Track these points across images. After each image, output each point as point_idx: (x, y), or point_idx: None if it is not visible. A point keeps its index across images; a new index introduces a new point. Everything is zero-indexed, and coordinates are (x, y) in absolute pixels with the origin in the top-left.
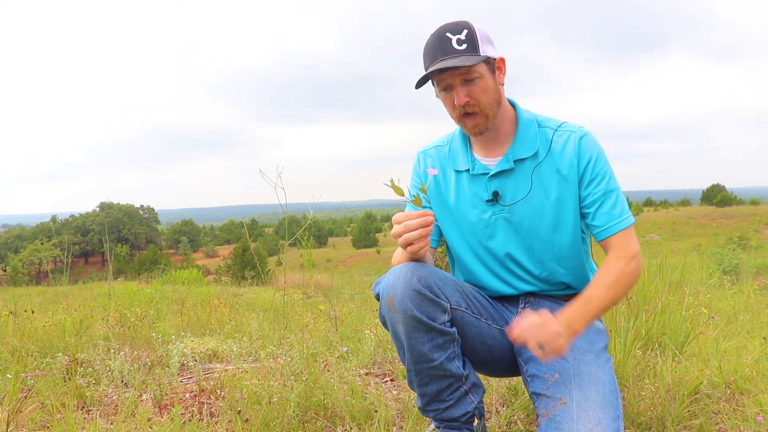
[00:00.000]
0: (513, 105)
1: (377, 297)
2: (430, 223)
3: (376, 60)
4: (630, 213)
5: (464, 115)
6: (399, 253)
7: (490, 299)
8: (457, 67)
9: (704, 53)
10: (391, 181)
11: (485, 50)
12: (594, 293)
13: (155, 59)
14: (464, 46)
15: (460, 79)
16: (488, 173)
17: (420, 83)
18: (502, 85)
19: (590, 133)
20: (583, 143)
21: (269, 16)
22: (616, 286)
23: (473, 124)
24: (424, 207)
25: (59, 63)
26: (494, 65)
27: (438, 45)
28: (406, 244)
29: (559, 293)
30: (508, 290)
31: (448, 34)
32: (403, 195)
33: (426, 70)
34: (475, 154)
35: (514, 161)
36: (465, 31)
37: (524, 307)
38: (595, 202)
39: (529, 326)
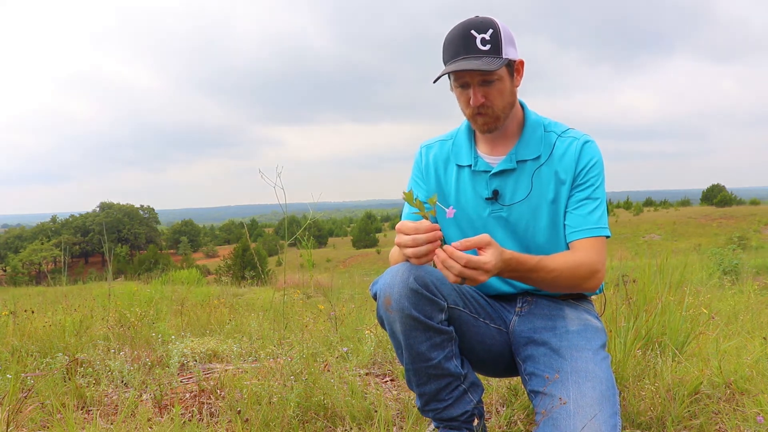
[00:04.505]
0: (522, 106)
1: (374, 297)
2: (438, 238)
3: (376, 60)
4: (606, 227)
5: (477, 113)
6: (397, 252)
7: (488, 299)
8: (478, 69)
9: (705, 53)
10: (405, 194)
11: (507, 52)
12: (550, 266)
13: (155, 59)
14: (488, 47)
15: (478, 80)
16: (490, 171)
17: (438, 78)
18: (518, 87)
19: (594, 141)
20: (585, 149)
21: (270, 15)
22: (568, 274)
23: (484, 122)
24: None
25: (60, 63)
26: (514, 68)
27: (461, 41)
28: (413, 257)
29: (557, 293)
30: (506, 288)
31: (473, 32)
32: (418, 206)
33: (446, 63)
34: (478, 151)
35: (517, 162)
36: (490, 31)
37: (522, 307)
38: (574, 203)
39: (458, 259)
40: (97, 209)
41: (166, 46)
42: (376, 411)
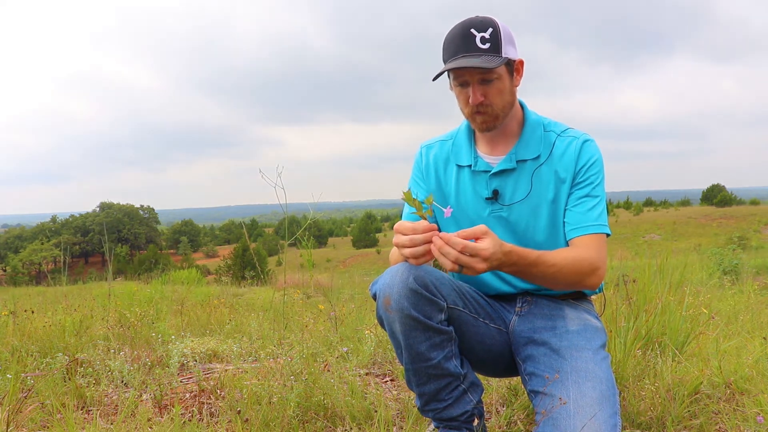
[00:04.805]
0: (522, 106)
1: (374, 297)
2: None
3: (376, 60)
4: (605, 224)
5: (476, 112)
6: (397, 253)
7: (487, 298)
8: (477, 67)
9: (705, 53)
10: (405, 193)
11: (507, 51)
12: (550, 260)
13: (155, 59)
14: (487, 45)
15: (478, 78)
16: (490, 171)
17: (437, 76)
18: (517, 86)
19: (594, 140)
20: (585, 148)
21: (270, 15)
22: (568, 270)
23: (482, 120)
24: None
25: (60, 63)
26: (513, 67)
27: (461, 40)
28: (411, 257)
29: (556, 292)
30: (505, 288)
31: (473, 31)
32: (416, 206)
33: (445, 61)
34: (478, 151)
35: (517, 161)
36: (490, 30)
37: (522, 306)
38: (574, 201)
39: (455, 244)
40: (97, 209)
41: (166, 46)
42: (376, 411)
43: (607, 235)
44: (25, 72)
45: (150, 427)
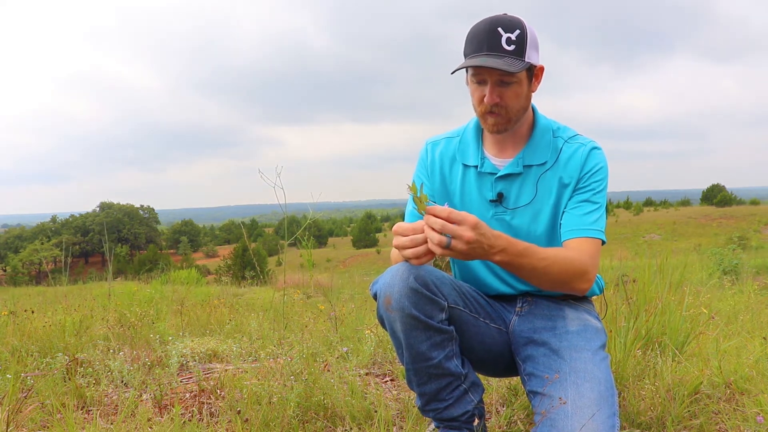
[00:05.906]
0: (533, 109)
1: (375, 297)
2: None
3: (376, 60)
4: (602, 231)
5: (489, 112)
6: (397, 253)
7: (488, 299)
8: (498, 68)
9: (705, 53)
10: (411, 187)
11: (530, 56)
12: (541, 254)
13: (155, 59)
14: (512, 47)
15: (497, 79)
16: (496, 173)
17: (456, 70)
18: (534, 92)
19: (601, 149)
20: (592, 154)
21: (270, 15)
22: (557, 268)
23: (494, 122)
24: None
25: (60, 63)
26: (533, 73)
27: (486, 37)
28: (413, 257)
29: (557, 293)
30: (505, 289)
31: (500, 29)
32: (416, 202)
33: (466, 56)
34: (485, 152)
35: (524, 166)
36: (517, 32)
37: (522, 307)
38: (573, 204)
39: (439, 213)
40: (97, 209)
41: (166, 46)
42: (376, 411)
43: (603, 242)
44: (25, 72)
45: (150, 427)
